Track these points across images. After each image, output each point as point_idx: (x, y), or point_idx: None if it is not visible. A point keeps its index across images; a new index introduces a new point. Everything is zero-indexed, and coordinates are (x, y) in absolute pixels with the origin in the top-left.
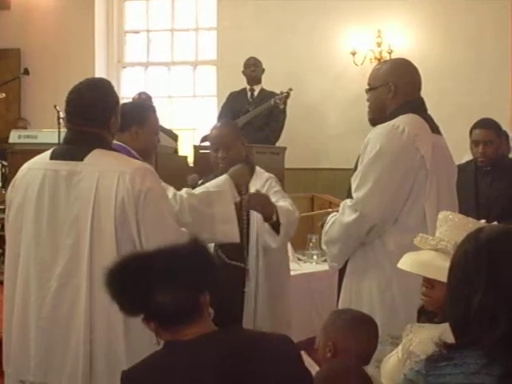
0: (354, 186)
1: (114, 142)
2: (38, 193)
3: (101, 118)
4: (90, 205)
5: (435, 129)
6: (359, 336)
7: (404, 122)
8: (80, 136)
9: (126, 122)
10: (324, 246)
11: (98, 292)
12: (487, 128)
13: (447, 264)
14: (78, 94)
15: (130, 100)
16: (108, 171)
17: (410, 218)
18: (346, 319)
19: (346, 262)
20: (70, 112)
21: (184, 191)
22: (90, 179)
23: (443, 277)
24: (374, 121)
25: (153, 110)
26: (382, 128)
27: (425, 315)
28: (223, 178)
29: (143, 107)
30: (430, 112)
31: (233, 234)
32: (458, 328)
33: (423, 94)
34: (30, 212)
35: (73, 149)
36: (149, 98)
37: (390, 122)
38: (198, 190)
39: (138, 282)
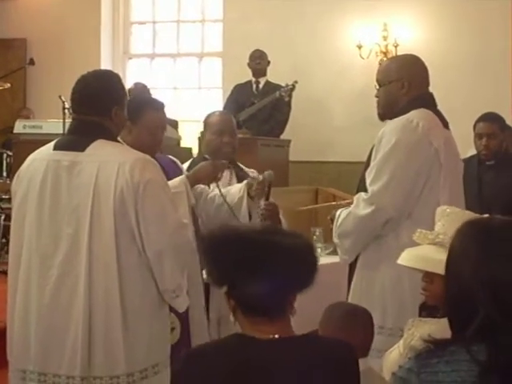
0: (369, 180)
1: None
2: (41, 183)
3: (103, 107)
4: (89, 195)
5: (445, 124)
6: (354, 329)
7: (418, 116)
8: (83, 126)
9: None
10: (336, 239)
11: (96, 281)
12: (491, 121)
13: (445, 257)
14: (83, 83)
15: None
16: (108, 162)
17: (424, 211)
18: (339, 314)
19: (357, 256)
20: (75, 100)
21: None
22: (90, 170)
23: (441, 270)
24: (384, 116)
25: (152, 107)
26: (396, 122)
27: (426, 310)
28: (180, 178)
29: (139, 104)
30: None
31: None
32: (452, 321)
33: (430, 87)
34: (33, 202)
35: (75, 139)
36: (145, 87)
37: (404, 116)
38: None
39: (235, 259)
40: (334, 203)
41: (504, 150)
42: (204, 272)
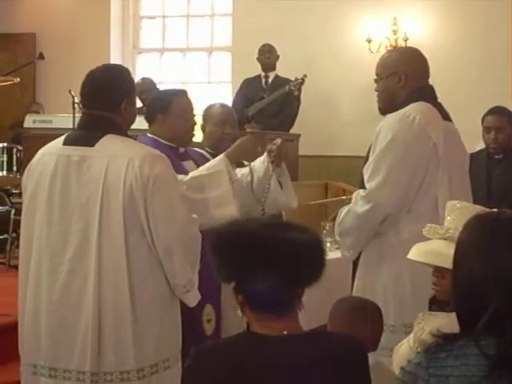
0: (366, 177)
1: (148, 135)
2: (51, 178)
3: (111, 101)
4: (99, 191)
5: (446, 116)
6: (362, 324)
7: (415, 110)
8: (92, 121)
9: (151, 112)
10: (337, 237)
11: (106, 277)
12: (500, 115)
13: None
14: (92, 78)
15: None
16: (117, 157)
17: (423, 206)
18: (348, 308)
19: (360, 252)
20: (84, 95)
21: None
22: (99, 165)
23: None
24: (384, 110)
25: (178, 94)
26: (392, 117)
27: (436, 305)
28: (219, 157)
29: (164, 95)
30: (442, 100)
31: (230, 215)
32: (461, 315)
33: (437, 81)
34: (42, 197)
35: (85, 134)
36: (152, 82)
37: (400, 111)
38: (191, 175)
39: (243, 255)
40: (343, 197)
41: None
42: None
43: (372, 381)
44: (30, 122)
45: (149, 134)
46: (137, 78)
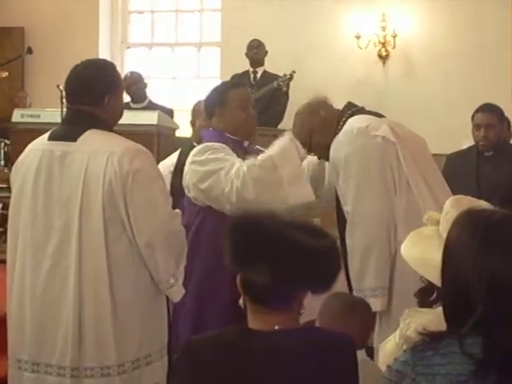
0: (343, 203)
1: (211, 129)
2: (35, 174)
3: (94, 96)
4: (79, 186)
5: (379, 115)
6: (351, 321)
7: (349, 124)
8: (76, 116)
9: (210, 107)
10: (360, 286)
11: (86, 273)
12: (490, 112)
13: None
14: (75, 72)
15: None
16: (98, 152)
17: (402, 201)
18: (338, 305)
19: (345, 245)
20: (68, 90)
21: (246, 163)
22: (80, 160)
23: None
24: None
25: (233, 85)
26: (335, 141)
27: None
28: (284, 137)
29: (219, 88)
30: (433, 96)
31: (306, 195)
32: (448, 313)
33: (427, 77)
34: (28, 193)
35: (68, 129)
36: (140, 76)
37: (338, 134)
38: (260, 157)
39: (251, 247)
40: None
41: (502, 140)
42: None
43: (360, 378)
44: (18, 116)
45: (211, 128)
46: (125, 73)
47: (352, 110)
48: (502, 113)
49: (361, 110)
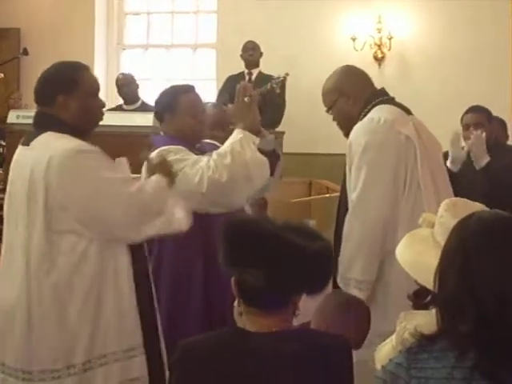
0: (349, 189)
1: (161, 134)
2: (11, 178)
3: (45, 95)
4: (25, 189)
5: (408, 111)
6: (346, 321)
7: (378, 112)
8: (37, 118)
9: (159, 112)
10: (344, 275)
11: (32, 275)
12: (477, 112)
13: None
14: (40, 74)
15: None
16: (41, 155)
17: (410, 200)
18: (336, 303)
19: (336, 246)
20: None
21: (212, 154)
22: (28, 164)
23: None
24: (347, 132)
25: (183, 91)
26: (359, 125)
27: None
28: (236, 131)
29: (170, 93)
30: (428, 99)
31: (266, 175)
32: (443, 316)
33: (423, 80)
34: (8, 197)
35: (30, 133)
36: (132, 78)
37: (365, 119)
38: (215, 154)
39: (247, 251)
40: (327, 195)
41: (494, 139)
42: None
43: (356, 379)
44: (13, 117)
45: (162, 133)
46: (117, 75)
47: (384, 98)
48: (491, 113)
49: (391, 101)
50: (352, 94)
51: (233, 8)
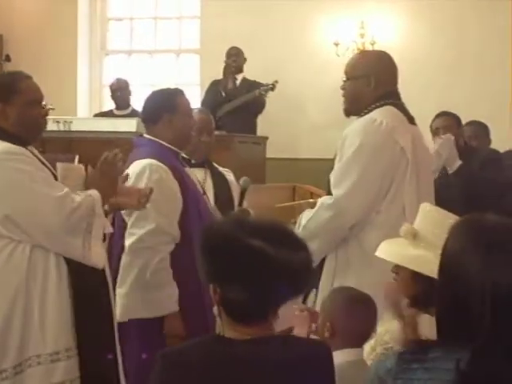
0: (332, 182)
1: (146, 136)
2: None
3: None
4: None
5: (411, 120)
6: (356, 316)
7: (381, 114)
8: None
9: (156, 111)
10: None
11: None
12: (446, 115)
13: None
14: None
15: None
16: None
17: (390, 212)
18: (344, 299)
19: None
20: None
21: None
22: None
23: (407, 263)
24: (349, 111)
25: (181, 92)
26: (359, 123)
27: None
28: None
29: (170, 93)
30: (410, 106)
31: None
32: (442, 324)
33: (405, 87)
34: None
35: None
36: (126, 83)
37: (366, 116)
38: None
39: (225, 263)
40: (311, 200)
41: (464, 143)
42: None
43: (351, 378)
44: None
45: (148, 136)
46: (104, 80)
47: (395, 101)
48: (459, 119)
49: (400, 106)
50: (375, 83)
51: (216, 13)
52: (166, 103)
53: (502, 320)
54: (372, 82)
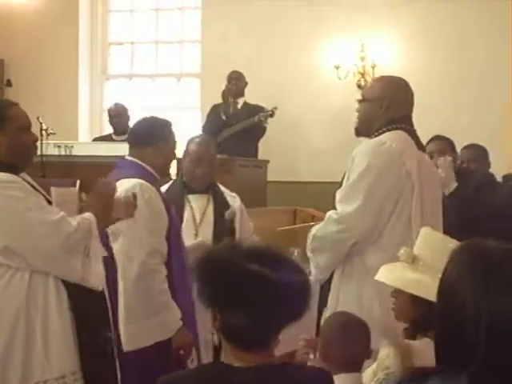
0: (338, 198)
1: (128, 158)
2: None
3: None
4: None
5: (421, 146)
6: (345, 342)
7: (390, 138)
8: None
9: (153, 136)
10: (310, 254)
11: None
12: (440, 139)
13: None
14: None
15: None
16: None
17: (393, 234)
18: (335, 324)
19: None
20: None
21: None
22: None
23: (406, 287)
24: (360, 132)
25: (171, 125)
26: (368, 144)
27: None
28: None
29: (167, 123)
30: (415, 127)
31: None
32: (441, 351)
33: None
34: None
35: None
36: (124, 107)
37: (376, 139)
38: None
39: (223, 289)
40: (312, 223)
41: (459, 165)
42: None
43: None
44: None
45: (132, 158)
46: (105, 104)
47: (407, 126)
48: (453, 142)
49: (411, 132)
50: (387, 105)
51: (217, 37)
52: (162, 131)
53: (497, 348)
54: (384, 105)
